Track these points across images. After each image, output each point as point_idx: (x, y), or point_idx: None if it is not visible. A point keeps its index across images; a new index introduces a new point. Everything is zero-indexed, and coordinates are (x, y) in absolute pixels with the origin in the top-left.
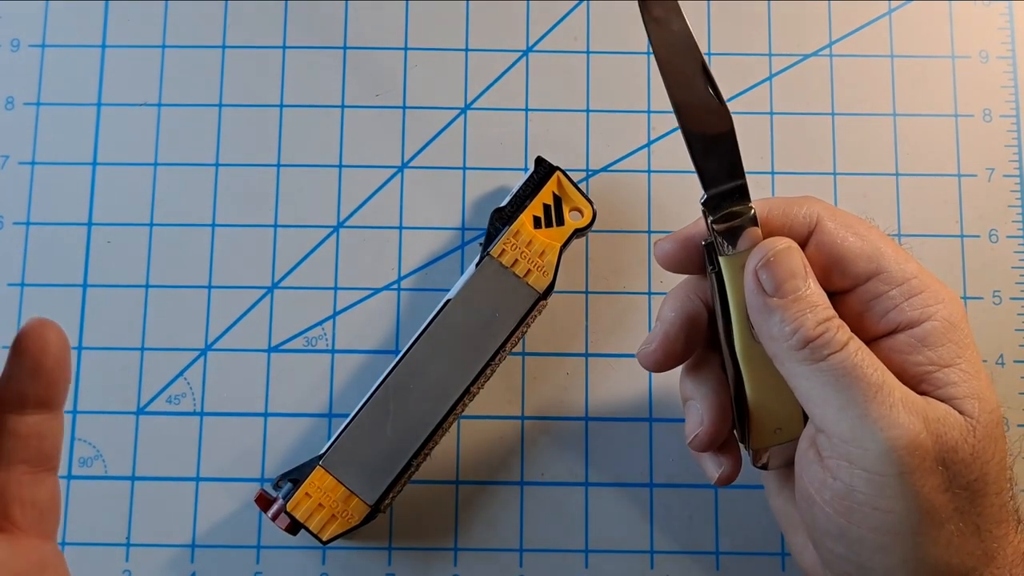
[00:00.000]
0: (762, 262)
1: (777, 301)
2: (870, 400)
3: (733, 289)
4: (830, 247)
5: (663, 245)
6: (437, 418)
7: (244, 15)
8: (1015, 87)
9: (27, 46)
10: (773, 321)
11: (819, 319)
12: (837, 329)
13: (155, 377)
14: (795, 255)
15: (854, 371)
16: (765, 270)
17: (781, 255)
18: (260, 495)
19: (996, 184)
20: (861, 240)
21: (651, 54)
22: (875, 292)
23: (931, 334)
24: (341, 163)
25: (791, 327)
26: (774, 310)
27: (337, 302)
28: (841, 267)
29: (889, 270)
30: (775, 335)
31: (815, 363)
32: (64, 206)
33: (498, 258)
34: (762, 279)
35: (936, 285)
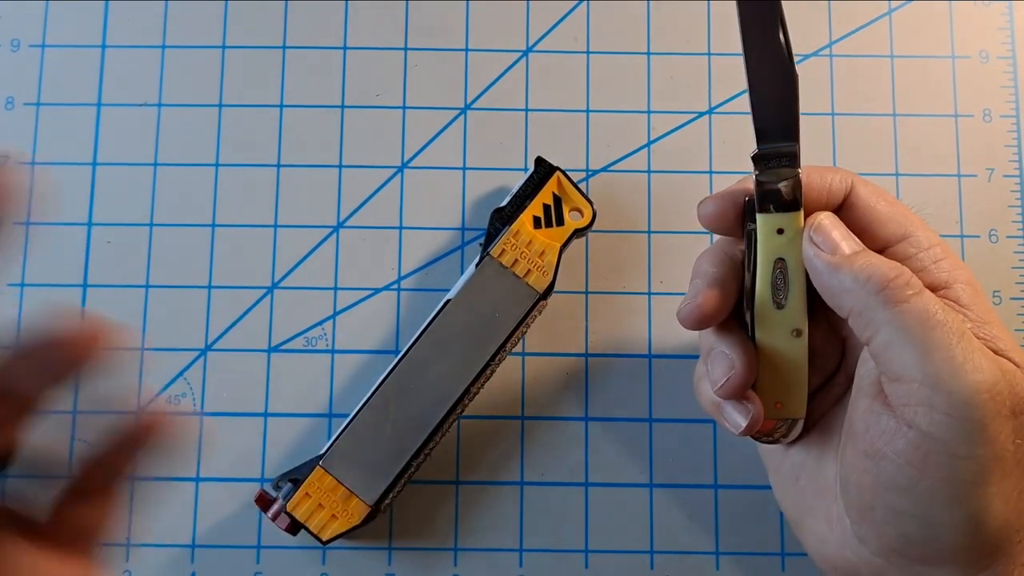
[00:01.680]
0: (815, 228)
1: (841, 258)
2: (955, 344)
3: (765, 248)
4: (864, 210)
5: (707, 204)
6: (437, 418)
7: (244, 15)
8: (1015, 87)
9: (27, 46)
10: (843, 275)
11: (892, 264)
12: (911, 275)
13: (155, 377)
14: (840, 222)
15: (937, 315)
16: (820, 234)
17: (829, 220)
18: (260, 495)
19: (996, 184)
20: (891, 206)
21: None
22: (905, 254)
23: (963, 295)
24: (341, 163)
25: (865, 274)
26: (841, 265)
27: (337, 302)
28: (874, 229)
29: (917, 235)
30: (848, 286)
31: (898, 304)
32: (64, 206)
33: (498, 258)
34: (818, 242)
35: (955, 255)
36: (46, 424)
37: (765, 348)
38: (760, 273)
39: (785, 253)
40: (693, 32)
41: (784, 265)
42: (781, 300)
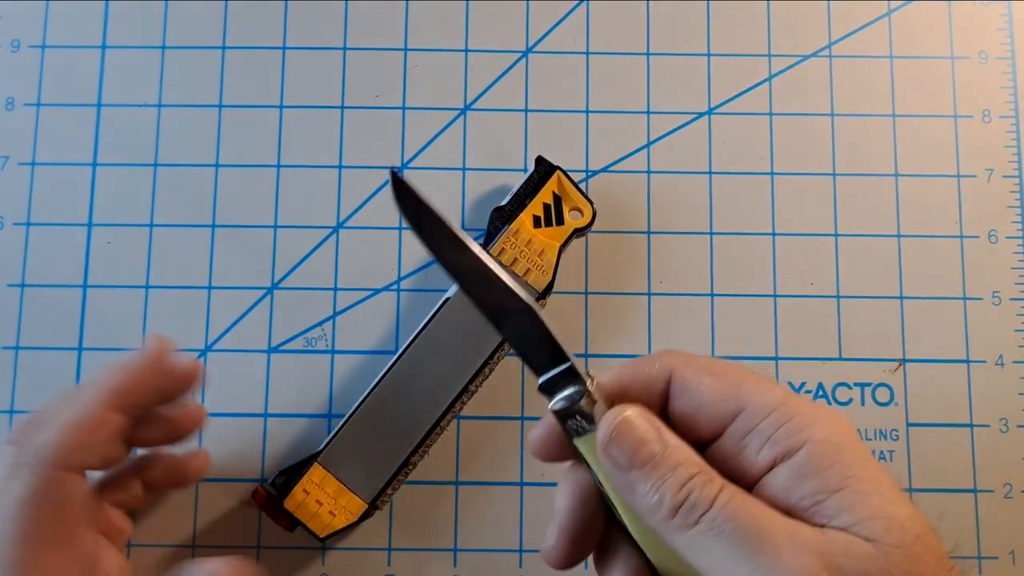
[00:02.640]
0: (607, 438)
1: (636, 474)
2: (756, 551)
3: (597, 468)
4: (688, 395)
5: (532, 434)
6: (435, 416)
7: (244, 15)
8: (1014, 88)
9: (27, 47)
10: (638, 495)
11: (680, 480)
12: (703, 485)
13: None
14: (640, 420)
15: (730, 524)
16: (614, 445)
17: (624, 425)
18: (258, 491)
19: (995, 185)
20: (718, 379)
21: (651, 54)
22: (744, 429)
23: (809, 460)
24: (341, 163)
25: (656, 497)
26: (635, 483)
27: (337, 302)
28: (704, 413)
29: (751, 403)
30: (644, 510)
31: (689, 528)
32: (64, 206)
33: (498, 257)
34: (614, 456)
35: (807, 407)
36: None
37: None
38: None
39: None
40: (693, 32)
41: None
42: None
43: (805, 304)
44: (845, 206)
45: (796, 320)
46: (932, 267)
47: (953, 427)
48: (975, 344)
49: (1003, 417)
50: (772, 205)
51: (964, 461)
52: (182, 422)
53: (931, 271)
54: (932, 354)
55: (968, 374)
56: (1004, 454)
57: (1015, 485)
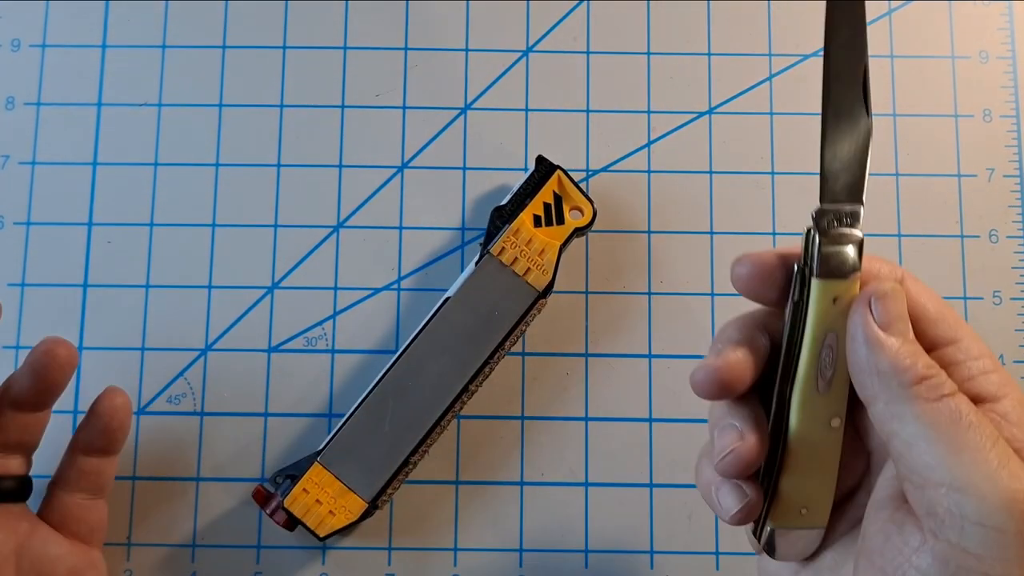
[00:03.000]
0: (879, 294)
1: (888, 337)
2: (990, 448)
3: (818, 319)
4: (913, 307)
5: (742, 268)
6: (435, 415)
7: (244, 15)
8: (1015, 87)
9: (28, 46)
10: (883, 355)
11: (929, 362)
12: (947, 377)
13: (155, 377)
14: (904, 300)
15: (968, 417)
16: (880, 303)
17: (895, 293)
18: (258, 491)
19: (996, 184)
20: (942, 307)
21: (651, 54)
22: (953, 359)
23: (1012, 411)
24: (341, 163)
25: (905, 362)
26: (884, 345)
27: (337, 302)
28: (922, 327)
29: (967, 341)
30: (883, 369)
31: (931, 401)
32: (65, 206)
33: (498, 256)
34: (876, 311)
35: (1005, 371)
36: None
37: (798, 440)
38: (807, 348)
39: (839, 326)
40: (693, 32)
41: (836, 340)
42: (826, 382)
43: None
44: None
45: None
46: (933, 267)
47: None
48: None
49: None
50: (772, 205)
51: None
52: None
53: (932, 271)
54: None
55: None
56: None
57: None
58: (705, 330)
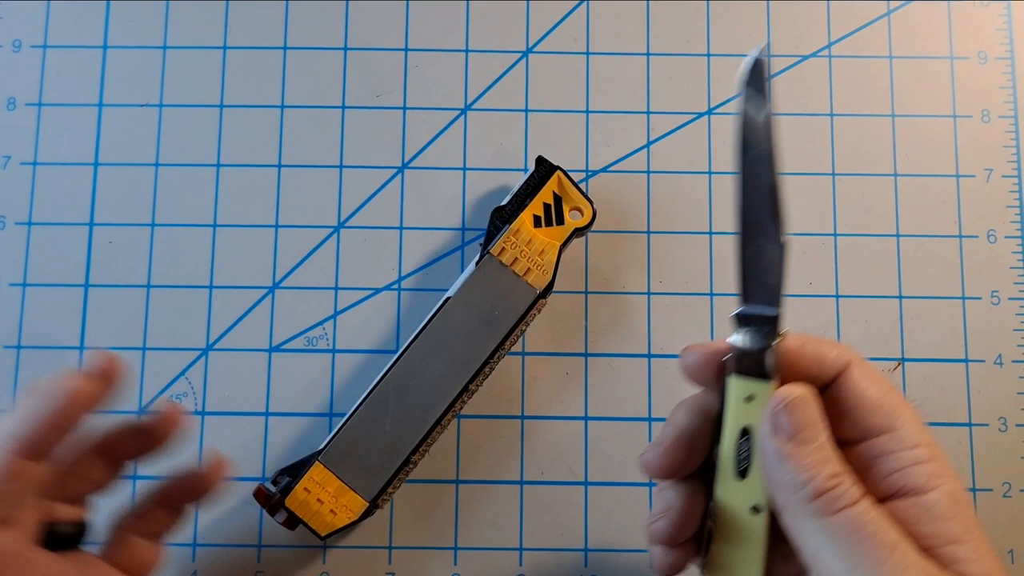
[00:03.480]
0: (782, 405)
1: (793, 448)
2: (884, 560)
3: (733, 413)
4: (852, 394)
5: (689, 354)
6: (435, 415)
7: (244, 16)
8: (1013, 88)
9: (29, 47)
10: (786, 468)
11: (832, 471)
12: (851, 485)
13: (156, 376)
14: (813, 404)
15: (868, 527)
16: (784, 413)
17: (801, 401)
18: (259, 490)
19: (994, 184)
20: (884, 395)
21: (651, 54)
22: (884, 449)
23: (938, 505)
24: (341, 163)
25: (805, 476)
26: (788, 457)
27: (337, 302)
28: (856, 415)
29: (904, 430)
30: (786, 483)
31: (827, 516)
32: (66, 206)
33: (498, 256)
34: (779, 422)
35: (944, 461)
36: None
37: (723, 518)
38: (726, 439)
39: (753, 423)
40: (693, 32)
41: (751, 435)
42: (744, 471)
43: (804, 304)
44: (844, 206)
45: (795, 320)
46: (931, 267)
47: (952, 426)
48: (974, 344)
49: (1002, 416)
50: None
51: (963, 460)
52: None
53: (930, 271)
54: (931, 353)
55: (967, 373)
56: (1003, 453)
57: (1014, 484)
58: (704, 330)
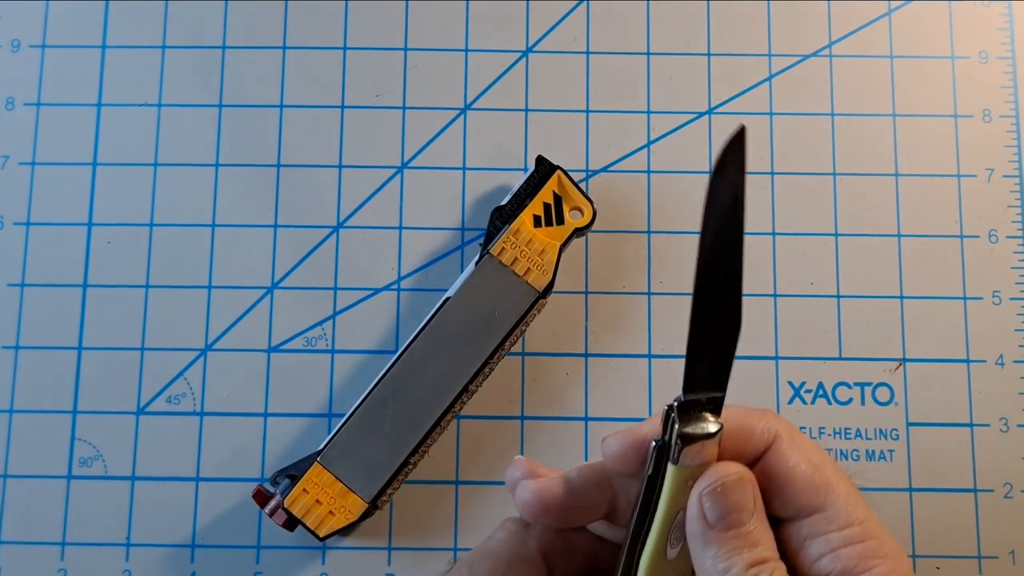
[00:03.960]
0: (709, 488)
1: (716, 534)
2: None
3: (670, 500)
4: (779, 470)
5: (611, 442)
6: (435, 416)
7: (244, 15)
8: (1015, 87)
9: (27, 46)
10: (708, 553)
11: (752, 560)
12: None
13: (155, 377)
14: (747, 487)
15: None
16: (711, 498)
17: (732, 485)
18: (258, 491)
19: (996, 184)
20: (813, 471)
21: (651, 54)
22: (815, 530)
23: None
24: (340, 163)
25: (724, 564)
26: (711, 542)
27: (337, 302)
28: (785, 495)
29: (834, 509)
30: (707, 569)
31: None
32: (64, 206)
33: (498, 256)
34: (706, 506)
35: (882, 537)
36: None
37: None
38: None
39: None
40: (693, 32)
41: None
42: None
43: (805, 304)
44: (845, 206)
45: (796, 320)
46: (932, 267)
47: (953, 427)
48: (975, 344)
49: (1003, 417)
50: (772, 205)
51: (964, 461)
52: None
53: (931, 271)
54: (932, 354)
55: (968, 374)
56: (1004, 454)
57: (1015, 485)
58: None
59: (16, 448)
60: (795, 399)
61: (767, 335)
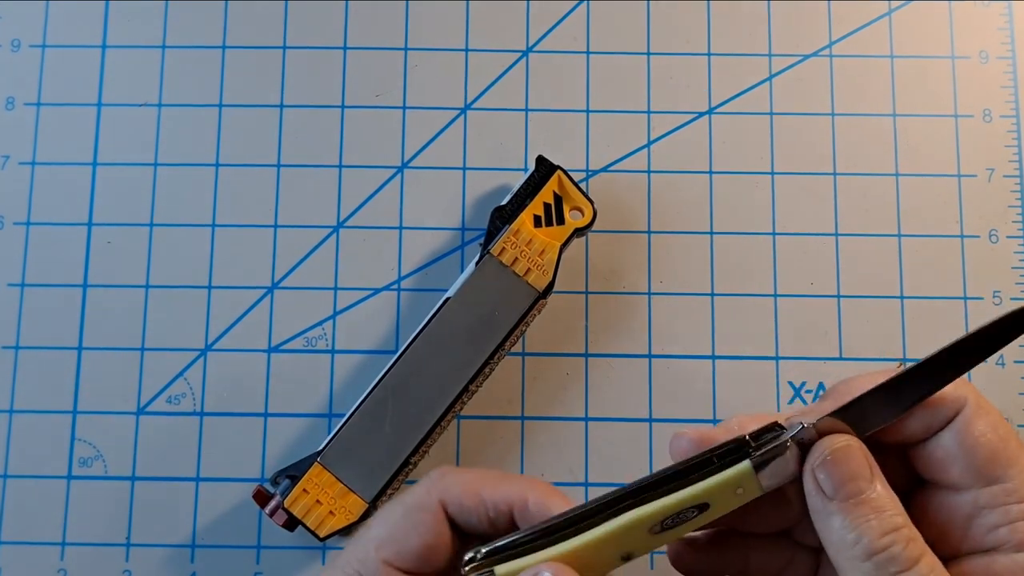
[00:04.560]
0: (820, 460)
1: (838, 504)
2: None
3: (714, 488)
4: (965, 438)
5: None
6: (435, 416)
7: (244, 15)
8: (1015, 87)
9: (28, 46)
10: (833, 525)
11: (886, 527)
12: (907, 542)
13: (155, 377)
14: (857, 454)
15: None
16: (824, 469)
17: (842, 454)
18: (258, 491)
19: (996, 184)
20: (1000, 441)
21: (651, 54)
22: (994, 500)
23: None
24: (341, 163)
25: (854, 534)
26: (833, 513)
27: (337, 302)
28: (969, 462)
29: (1017, 482)
30: (835, 542)
31: None
32: (64, 206)
33: (498, 256)
34: (820, 479)
35: None
36: None
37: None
38: (677, 498)
39: (719, 504)
40: (693, 32)
41: (702, 511)
42: (662, 528)
43: (805, 304)
44: (845, 206)
45: (796, 320)
46: (933, 267)
47: None
48: None
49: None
50: (772, 205)
51: None
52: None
53: (932, 271)
54: None
55: (969, 374)
56: None
57: None
58: (705, 330)
59: (16, 448)
60: (795, 399)
61: (767, 335)
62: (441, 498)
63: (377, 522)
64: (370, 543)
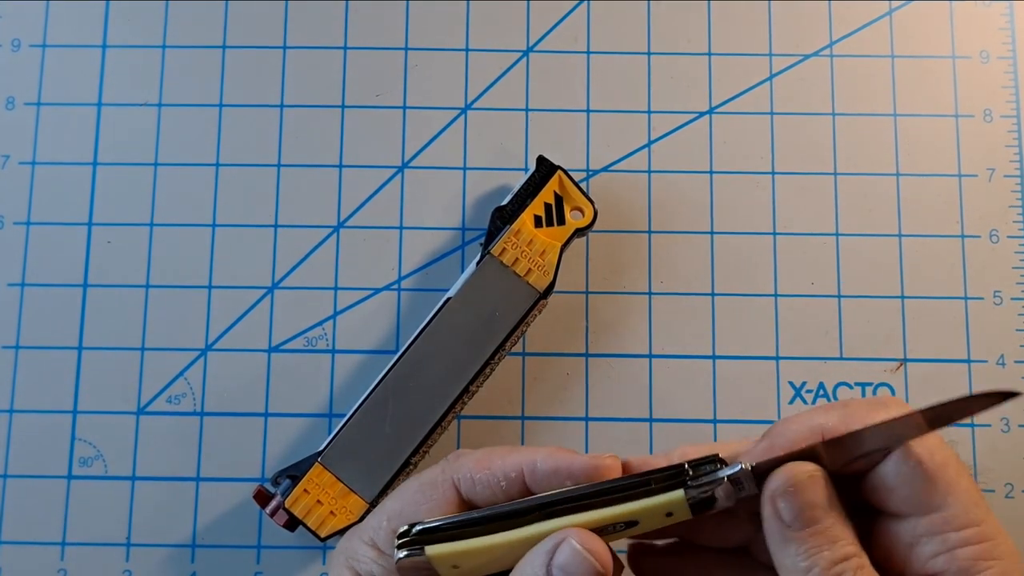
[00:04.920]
0: (782, 488)
1: (794, 533)
2: None
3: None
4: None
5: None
6: (436, 416)
7: (244, 15)
8: (1015, 87)
9: (28, 46)
10: (788, 552)
11: (837, 557)
12: (856, 570)
13: (155, 377)
14: (818, 484)
15: None
16: (784, 498)
17: (804, 484)
18: (259, 491)
19: (996, 184)
20: (937, 468)
21: (651, 54)
22: (932, 528)
23: None
24: (341, 163)
25: (806, 563)
26: (790, 541)
27: (337, 302)
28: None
29: (954, 510)
30: (788, 567)
31: None
32: (65, 206)
33: (499, 257)
34: (780, 507)
35: (999, 538)
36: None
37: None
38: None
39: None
40: (693, 32)
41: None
42: (606, 538)
43: (805, 304)
44: (846, 206)
45: (796, 320)
46: (933, 267)
47: (954, 426)
48: (976, 344)
49: (1004, 417)
50: (772, 205)
51: (965, 461)
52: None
53: (932, 271)
54: (933, 354)
55: (969, 374)
56: (1005, 454)
57: (1016, 485)
58: (705, 330)
59: (16, 448)
60: (796, 399)
61: (767, 335)
62: (454, 476)
63: (392, 496)
64: (383, 514)
